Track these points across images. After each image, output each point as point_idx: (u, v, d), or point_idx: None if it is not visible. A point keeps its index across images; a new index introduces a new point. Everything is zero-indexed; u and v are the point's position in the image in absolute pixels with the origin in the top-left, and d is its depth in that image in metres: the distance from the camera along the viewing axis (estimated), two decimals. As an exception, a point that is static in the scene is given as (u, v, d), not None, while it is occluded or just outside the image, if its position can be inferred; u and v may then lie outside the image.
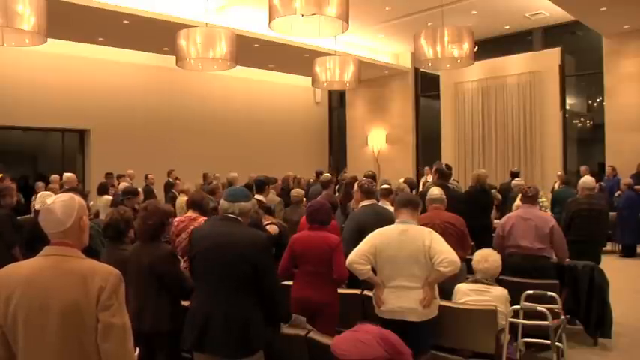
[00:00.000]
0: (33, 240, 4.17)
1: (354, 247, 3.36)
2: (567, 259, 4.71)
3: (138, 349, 2.80)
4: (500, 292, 3.73)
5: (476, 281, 3.82)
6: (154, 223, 3.05)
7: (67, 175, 7.85)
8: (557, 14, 10.97)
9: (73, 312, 1.75)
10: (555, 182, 10.79)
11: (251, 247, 2.62)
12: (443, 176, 5.57)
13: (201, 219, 4.14)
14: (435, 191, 4.59)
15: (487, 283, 3.77)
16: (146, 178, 10.00)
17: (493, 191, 7.75)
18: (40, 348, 1.75)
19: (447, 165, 5.63)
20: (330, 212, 3.87)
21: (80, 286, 1.76)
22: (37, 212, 4.73)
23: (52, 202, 1.87)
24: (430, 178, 11.19)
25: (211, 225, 2.87)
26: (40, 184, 8.58)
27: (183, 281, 3.00)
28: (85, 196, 4.85)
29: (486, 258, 3.87)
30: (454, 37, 7.29)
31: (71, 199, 1.90)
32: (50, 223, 1.84)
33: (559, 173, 10.88)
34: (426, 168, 12.90)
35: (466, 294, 3.74)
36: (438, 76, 14.32)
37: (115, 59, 12.14)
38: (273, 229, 4.71)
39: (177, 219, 4.44)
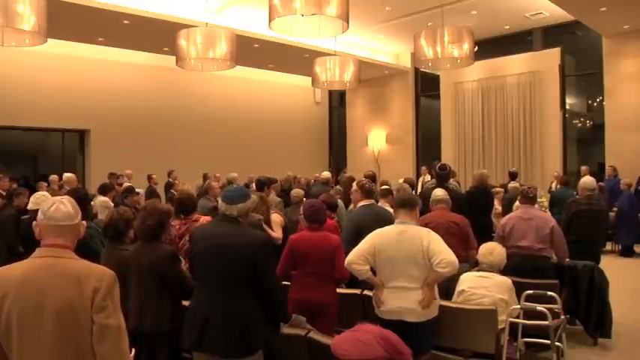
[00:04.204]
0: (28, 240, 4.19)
1: (353, 247, 3.36)
2: (567, 259, 4.72)
3: (133, 350, 2.81)
4: (502, 279, 3.80)
5: (480, 269, 3.91)
6: (153, 223, 3.05)
7: (67, 175, 7.84)
8: (557, 14, 10.97)
9: (68, 313, 1.74)
10: (552, 182, 10.80)
11: (251, 247, 2.62)
12: (440, 178, 5.55)
13: (203, 219, 4.14)
14: (439, 192, 4.59)
15: (490, 271, 3.85)
16: (150, 178, 9.99)
17: (495, 189, 7.76)
18: (34, 349, 1.74)
19: (441, 165, 5.58)
20: (325, 210, 3.89)
21: (75, 287, 1.76)
22: (32, 212, 4.74)
23: (62, 198, 1.91)
24: (428, 178, 11.23)
25: (211, 225, 2.87)
26: (43, 184, 8.54)
27: (183, 281, 3.00)
28: (89, 200, 4.83)
29: (491, 251, 3.93)
30: (454, 37, 7.28)
31: (74, 201, 1.94)
32: (62, 214, 1.84)
33: (556, 173, 10.89)
34: (423, 167, 12.92)
35: (471, 279, 3.82)
36: (438, 76, 14.32)
37: (115, 59, 12.14)
38: (278, 233, 4.77)
39: (178, 222, 4.41)
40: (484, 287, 3.72)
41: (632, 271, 8.17)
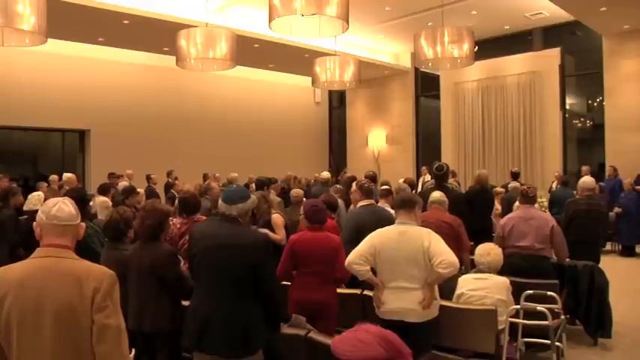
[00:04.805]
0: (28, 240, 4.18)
1: (353, 247, 3.36)
2: (567, 259, 4.72)
3: (133, 350, 2.81)
4: (500, 280, 3.79)
5: (478, 271, 3.91)
6: (152, 223, 3.05)
7: (66, 175, 7.83)
8: (557, 14, 10.97)
9: (68, 314, 1.74)
10: (553, 182, 10.80)
11: (250, 247, 2.62)
12: (437, 178, 5.55)
13: (204, 219, 4.14)
14: (436, 194, 4.58)
15: (489, 272, 3.85)
16: (149, 178, 9.98)
17: (496, 189, 7.76)
18: (34, 349, 1.74)
19: (438, 165, 5.57)
20: (326, 211, 3.90)
21: (74, 288, 1.76)
22: (30, 213, 4.77)
23: (62, 199, 1.92)
24: (429, 178, 11.24)
25: (211, 225, 2.87)
26: (44, 184, 8.52)
27: (183, 281, 3.00)
28: (87, 200, 4.84)
29: (488, 252, 3.93)
30: (454, 37, 7.27)
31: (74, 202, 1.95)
32: (65, 214, 1.85)
33: (557, 174, 10.89)
34: (424, 167, 12.94)
35: (469, 282, 3.82)
36: (438, 76, 14.32)
37: (115, 59, 12.14)
38: (281, 234, 4.76)
39: (180, 220, 4.42)
40: (483, 289, 3.72)
41: (632, 271, 8.18)
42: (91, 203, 5.83)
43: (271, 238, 4.65)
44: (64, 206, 1.87)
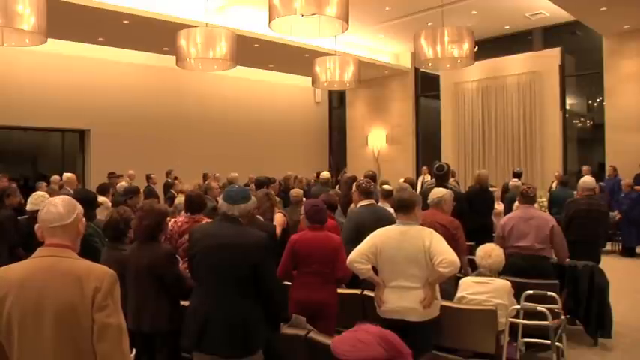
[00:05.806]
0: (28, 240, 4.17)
1: (353, 247, 3.37)
2: (567, 259, 4.72)
3: (134, 350, 2.81)
4: (501, 283, 3.77)
5: (479, 274, 3.90)
6: (149, 223, 3.05)
7: (67, 175, 7.82)
8: (557, 14, 10.97)
9: (68, 313, 1.74)
10: (553, 182, 10.80)
11: (251, 247, 2.62)
12: (437, 178, 5.54)
13: (205, 220, 4.14)
14: (433, 194, 4.54)
15: (489, 276, 3.84)
16: (149, 178, 9.98)
17: (492, 189, 7.77)
18: (35, 349, 1.74)
19: (438, 165, 5.57)
20: (327, 210, 3.90)
21: (75, 287, 1.76)
22: (31, 213, 4.77)
23: (54, 199, 1.91)
24: (429, 178, 11.25)
25: (212, 225, 2.87)
26: (43, 184, 8.51)
27: (182, 281, 3.00)
28: (90, 200, 4.82)
29: (489, 254, 3.91)
30: (454, 37, 7.27)
31: (72, 200, 1.93)
32: (52, 216, 1.84)
33: (556, 174, 10.88)
34: (424, 167, 12.95)
35: (470, 286, 3.80)
36: (438, 76, 14.32)
37: (115, 59, 12.14)
38: (280, 222, 4.76)
39: (180, 219, 4.43)
40: (484, 293, 3.70)
41: (632, 271, 8.17)
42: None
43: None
44: (52, 208, 1.86)
